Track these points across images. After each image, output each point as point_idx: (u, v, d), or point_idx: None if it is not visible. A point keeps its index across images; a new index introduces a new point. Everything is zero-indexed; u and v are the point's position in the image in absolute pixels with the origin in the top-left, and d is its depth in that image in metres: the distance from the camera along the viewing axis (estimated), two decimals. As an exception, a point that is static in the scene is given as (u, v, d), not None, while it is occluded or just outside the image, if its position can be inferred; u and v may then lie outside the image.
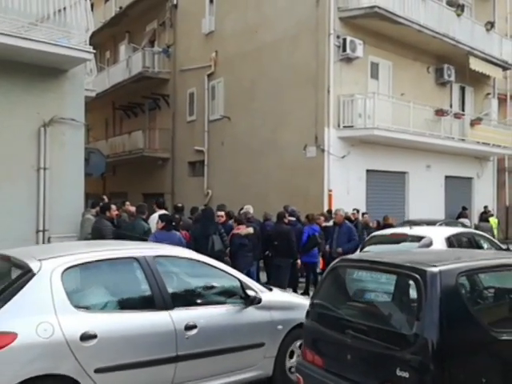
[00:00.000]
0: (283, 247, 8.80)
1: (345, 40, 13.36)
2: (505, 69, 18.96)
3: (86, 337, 3.75)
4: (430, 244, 7.14)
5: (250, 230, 8.64)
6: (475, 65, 16.63)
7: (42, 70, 8.90)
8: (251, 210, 10.33)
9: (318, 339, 3.93)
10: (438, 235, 7.63)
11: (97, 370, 3.77)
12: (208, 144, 17.43)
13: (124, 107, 22.31)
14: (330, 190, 13.31)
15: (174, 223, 7.57)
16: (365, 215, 12.35)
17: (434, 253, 4.81)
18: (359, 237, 11.01)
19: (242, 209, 10.34)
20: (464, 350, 3.20)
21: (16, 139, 8.87)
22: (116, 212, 8.14)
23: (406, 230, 8.27)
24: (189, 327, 4.23)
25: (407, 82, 15.42)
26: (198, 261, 4.83)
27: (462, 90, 18.24)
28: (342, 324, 3.67)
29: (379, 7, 13.19)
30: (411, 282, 3.42)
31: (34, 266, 3.87)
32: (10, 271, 4.19)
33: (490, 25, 17.86)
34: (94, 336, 3.78)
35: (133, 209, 9.18)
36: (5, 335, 3.48)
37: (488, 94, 19.49)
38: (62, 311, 3.75)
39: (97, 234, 7.93)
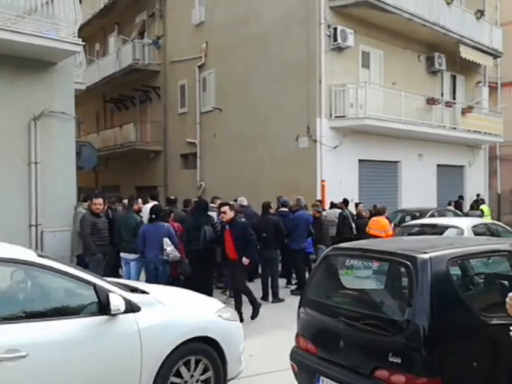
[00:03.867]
0: (272, 238, 8.71)
1: (336, 29, 13.30)
2: (495, 57, 19.01)
3: None
4: None
5: None
6: (466, 53, 16.66)
7: (30, 63, 8.81)
8: (245, 202, 10.33)
9: (312, 327, 3.96)
10: None
11: None
12: (200, 136, 17.37)
13: (115, 100, 22.15)
14: (322, 181, 13.31)
15: (157, 215, 7.49)
16: (360, 205, 12.38)
17: (425, 240, 4.84)
18: (350, 226, 11.13)
19: (235, 200, 10.32)
20: (455, 335, 3.24)
21: (6, 133, 8.79)
22: (97, 205, 7.96)
23: None
24: None
25: (398, 70, 15.41)
26: None
27: (453, 78, 18.27)
28: (335, 311, 3.70)
29: (369, -4, 13.15)
30: (402, 269, 3.45)
31: None
32: None
33: (480, 13, 17.87)
34: None
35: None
36: None
37: (479, 82, 19.54)
38: None
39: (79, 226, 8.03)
